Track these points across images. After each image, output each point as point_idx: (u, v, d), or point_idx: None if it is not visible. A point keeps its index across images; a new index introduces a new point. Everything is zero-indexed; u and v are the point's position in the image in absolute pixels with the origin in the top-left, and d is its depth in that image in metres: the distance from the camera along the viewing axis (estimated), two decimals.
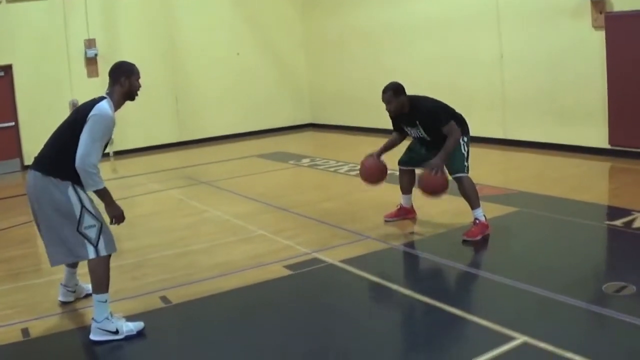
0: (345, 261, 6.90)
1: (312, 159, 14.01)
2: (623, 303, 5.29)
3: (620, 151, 11.51)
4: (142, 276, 6.90)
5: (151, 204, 10.53)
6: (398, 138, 8.07)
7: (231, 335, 5.39)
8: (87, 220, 5.24)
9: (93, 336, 5.27)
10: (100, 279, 5.28)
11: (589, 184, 10.13)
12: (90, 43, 16.37)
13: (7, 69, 15.71)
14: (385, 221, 8.28)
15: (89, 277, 5.35)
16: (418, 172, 7.75)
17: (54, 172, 5.22)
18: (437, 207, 8.19)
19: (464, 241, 7.26)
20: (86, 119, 5.16)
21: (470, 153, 7.58)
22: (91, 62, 16.31)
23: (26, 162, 15.46)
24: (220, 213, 9.57)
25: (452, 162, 7.46)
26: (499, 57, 13.49)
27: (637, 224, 7.47)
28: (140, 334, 5.34)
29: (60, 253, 5.33)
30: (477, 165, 7.52)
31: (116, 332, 5.26)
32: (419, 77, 14.53)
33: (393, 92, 7.49)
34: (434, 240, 7.63)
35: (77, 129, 5.18)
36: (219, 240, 8.20)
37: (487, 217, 7.49)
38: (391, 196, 8.68)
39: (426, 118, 7.47)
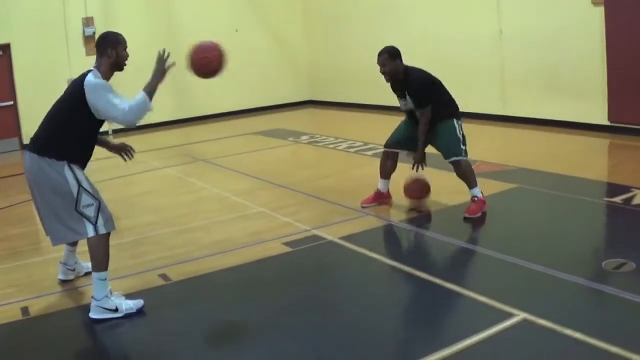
0: (344, 238, 6.90)
1: (311, 136, 13.99)
2: (622, 280, 5.28)
3: (619, 127, 11.48)
4: (141, 254, 6.90)
5: (150, 182, 10.51)
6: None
7: (231, 312, 5.41)
8: (85, 199, 5.24)
9: (92, 314, 5.27)
10: (99, 257, 5.28)
11: (588, 161, 10.10)
12: (88, 21, 16.29)
13: (5, 48, 15.62)
14: (362, 207, 8.11)
15: (89, 256, 5.35)
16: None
17: (50, 152, 5.21)
18: (435, 185, 8.16)
19: (465, 218, 7.25)
20: (77, 95, 5.18)
21: (466, 136, 7.55)
22: (89, 41, 16.16)
23: (25, 141, 15.40)
24: (219, 190, 9.56)
25: (447, 146, 7.46)
26: (498, 33, 13.43)
27: (637, 201, 7.46)
28: (139, 312, 5.35)
29: (60, 232, 5.33)
30: (476, 141, 7.51)
31: (115, 310, 5.26)
32: (418, 53, 14.36)
33: (388, 55, 7.44)
34: (433, 217, 7.63)
35: (70, 106, 5.20)
36: (218, 217, 8.20)
37: (486, 194, 7.48)
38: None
39: (415, 92, 7.45)
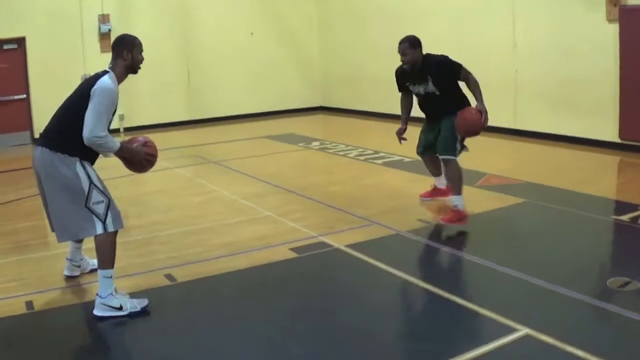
0: (350, 246, 6.91)
1: (322, 142, 14.00)
2: (627, 298, 5.28)
3: (630, 145, 11.46)
4: (149, 253, 6.94)
5: (160, 182, 10.53)
6: (408, 99, 8.18)
7: (235, 314, 5.42)
8: (96, 196, 5.26)
9: (97, 311, 5.30)
10: (106, 255, 5.31)
11: (597, 178, 10.10)
12: (104, 18, 16.37)
13: (21, 42, 15.71)
14: (421, 199, 8.43)
15: (95, 253, 5.38)
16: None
17: (62, 148, 5.23)
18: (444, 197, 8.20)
19: (440, 224, 7.42)
20: (89, 94, 5.18)
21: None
22: (105, 37, 16.26)
23: (36, 135, 15.48)
24: (228, 193, 9.59)
25: (443, 141, 7.57)
26: (513, 46, 13.43)
27: None
28: (143, 311, 5.37)
29: (67, 229, 5.36)
30: (486, 154, 7.51)
31: (120, 308, 5.29)
32: None
33: (410, 44, 7.57)
34: (440, 228, 7.61)
35: (82, 104, 5.19)
36: (227, 220, 8.22)
37: (493, 208, 7.50)
38: (399, 183, 8.67)
39: (437, 70, 7.55)
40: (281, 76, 19.46)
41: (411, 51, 7.56)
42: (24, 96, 15.86)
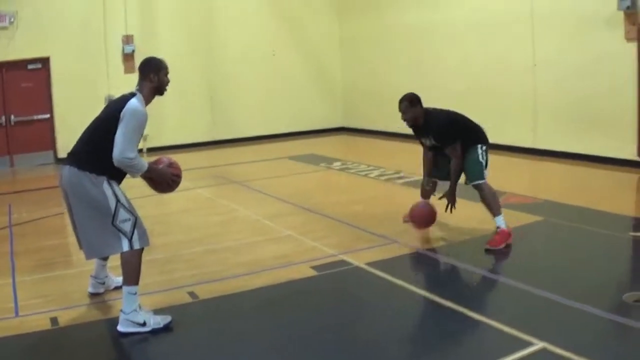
0: (371, 264, 6.99)
1: (343, 163, 14.10)
2: None
3: None
4: (172, 271, 7.05)
5: (182, 202, 10.64)
6: (428, 152, 8.14)
7: (256, 331, 5.51)
8: (122, 214, 5.38)
9: (121, 327, 5.40)
10: (132, 272, 5.42)
11: (616, 195, 10.11)
12: (128, 39, 16.63)
13: (45, 61, 15.99)
14: (403, 221, 8.35)
15: (120, 270, 5.49)
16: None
17: (90, 167, 5.35)
18: (462, 213, 8.23)
19: (487, 250, 7.31)
20: (119, 116, 5.30)
21: (489, 161, 7.70)
22: (128, 58, 16.53)
23: (60, 155, 15.69)
24: (249, 213, 9.70)
25: (470, 170, 7.62)
26: (532, 66, 13.51)
27: None
28: (166, 328, 5.47)
29: (95, 246, 5.49)
30: (505, 173, 7.59)
31: (143, 325, 5.39)
32: (453, 81, 14.65)
33: (409, 103, 7.68)
34: (459, 246, 7.68)
35: (111, 125, 5.32)
36: (248, 239, 8.32)
37: (512, 226, 7.53)
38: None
39: (436, 134, 7.66)
40: (303, 96, 19.62)
41: (410, 110, 7.67)
42: (48, 116, 16.11)
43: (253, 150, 17.35)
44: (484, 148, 7.66)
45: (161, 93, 5.73)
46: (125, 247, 5.39)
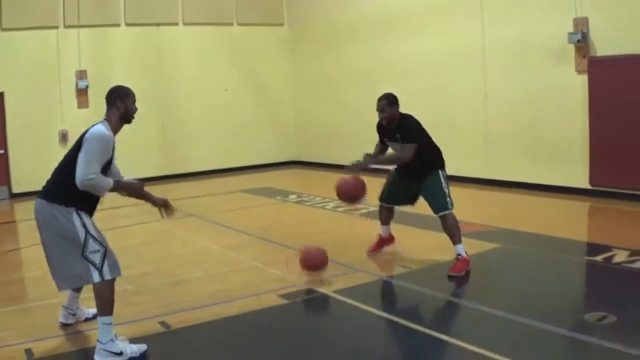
0: (338, 291, 7.13)
1: (299, 195, 14.25)
2: (604, 331, 5.57)
3: (600, 191, 11.83)
4: (141, 302, 7.08)
5: (142, 235, 10.67)
6: (383, 147, 8.31)
7: (230, 359, 5.61)
8: (92, 245, 5.45)
9: (98, 357, 5.43)
10: (105, 302, 5.47)
11: (570, 222, 10.40)
12: (81, 74, 16.62)
13: None
14: (368, 255, 8.53)
15: (94, 301, 5.54)
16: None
17: (58, 199, 5.43)
18: (423, 242, 8.48)
19: (449, 276, 7.47)
20: (82, 143, 5.41)
21: (449, 188, 7.88)
22: (82, 94, 16.54)
23: (14, 190, 15.55)
24: (211, 245, 9.79)
25: (436, 201, 7.76)
26: (484, 98, 13.84)
27: (617, 259, 7.75)
28: (143, 356, 5.53)
29: (66, 277, 5.54)
30: (458, 202, 7.76)
31: (120, 354, 5.43)
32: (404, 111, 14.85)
33: (387, 102, 7.80)
34: (422, 273, 7.85)
35: (76, 154, 5.40)
36: (213, 270, 8.40)
37: (469, 253, 7.73)
38: (377, 232, 8.84)
39: (405, 133, 7.78)
40: (256, 131, 19.76)
41: (389, 108, 7.80)
42: (2, 151, 15.92)
43: (207, 184, 17.42)
44: (444, 174, 7.86)
45: (128, 121, 5.83)
46: (96, 278, 5.45)
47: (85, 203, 5.53)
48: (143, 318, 6.56)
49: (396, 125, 7.86)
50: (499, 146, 13.72)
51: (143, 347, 5.60)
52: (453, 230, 7.71)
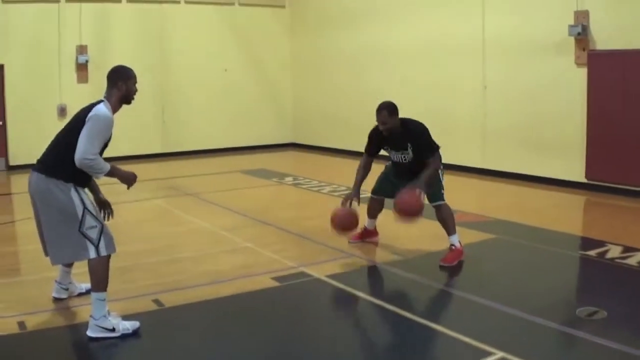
0: (330, 276, 7.15)
1: (295, 178, 14.27)
2: (595, 326, 5.59)
3: (596, 185, 11.88)
4: (135, 279, 7.10)
5: (138, 212, 10.69)
6: (368, 165, 8.12)
7: (223, 339, 5.62)
8: (89, 221, 5.46)
9: (90, 332, 5.46)
10: (99, 278, 5.49)
11: (565, 216, 10.45)
12: (82, 49, 16.58)
13: None
14: (349, 242, 8.52)
15: (89, 276, 5.55)
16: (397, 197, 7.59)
17: (57, 174, 5.43)
18: (418, 231, 8.49)
19: (441, 267, 7.49)
20: (85, 121, 5.39)
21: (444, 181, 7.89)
22: (82, 68, 16.51)
23: (11, 162, 15.55)
24: (206, 224, 9.80)
25: (433, 191, 7.72)
26: (482, 88, 13.85)
27: (610, 255, 7.79)
28: (135, 333, 5.54)
29: (62, 252, 5.54)
30: (456, 192, 7.79)
31: (113, 330, 5.46)
32: (403, 102, 14.78)
33: (388, 112, 7.55)
34: (416, 260, 7.87)
35: (77, 132, 5.38)
36: (207, 250, 8.42)
37: (464, 243, 7.76)
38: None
39: (419, 142, 7.61)
40: (254, 112, 19.77)
41: (390, 119, 7.56)
42: (0, 123, 15.94)
43: (204, 163, 17.44)
44: (441, 167, 7.86)
45: (128, 102, 5.82)
46: (92, 254, 5.46)
47: (83, 178, 5.54)
48: (137, 295, 6.58)
49: (401, 133, 7.66)
50: (497, 137, 13.74)
51: (136, 324, 5.61)
52: (447, 220, 7.72)
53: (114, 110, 5.67)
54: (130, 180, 5.74)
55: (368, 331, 6.00)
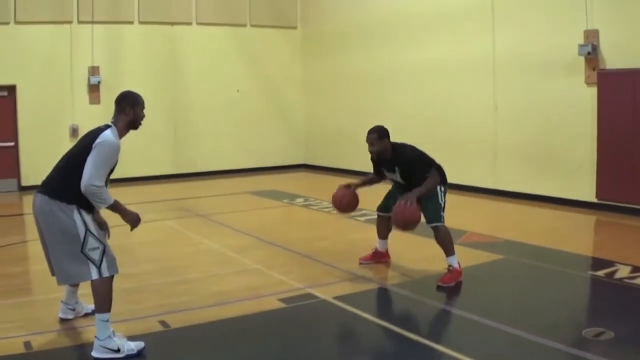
0: (337, 298, 7.13)
1: (306, 199, 14.27)
2: (601, 348, 5.55)
3: (606, 205, 11.82)
4: (141, 300, 7.11)
5: (147, 233, 10.58)
6: (375, 178, 8.38)
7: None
8: (91, 242, 5.47)
9: (95, 353, 5.46)
10: (102, 299, 5.51)
11: (575, 236, 10.41)
12: (94, 70, 16.73)
13: (11, 89, 16.01)
14: (360, 263, 8.52)
15: (92, 297, 5.58)
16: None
17: (60, 196, 5.46)
18: (426, 251, 8.48)
19: (438, 287, 7.47)
20: (92, 147, 5.42)
21: (446, 203, 7.80)
22: (94, 89, 16.63)
23: (23, 183, 15.65)
24: (216, 245, 9.81)
25: (429, 212, 7.68)
26: (493, 108, 13.84)
27: (619, 275, 7.74)
28: (140, 354, 5.54)
29: (65, 273, 5.56)
30: (465, 212, 7.77)
31: (117, 351, 5.46)
32: (415, 123, 14.87)
33: (378, 135, 7.79)
34: (423, 282, 7.82)
35: (83, 156, 5.42)
36: (215, 271, 8.44)
37: (473, 264, 7.74)
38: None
39: (405, 166, 7.73)
40: (265, 133, 19.83)
41: (378, 142, 7.78)
42: (13, 144, 16.06)
43: (215, 184, 17.47)
44: (443, 189, 7.79)
45: (136, 127, 5.86)
46: (94, 275, 5.48)
47: (86, 201, 5.53)
48: (143, 316, 6.58)
49: (391, 157, 7.84)
50: (507, 157, 13.72)
51: (140, 345, 5.62)
52: (446, 242, 7.70)
53: (121, 135, 5.70)
54: (134, 221, 5.79)
55: (373, 353, 5.94)
